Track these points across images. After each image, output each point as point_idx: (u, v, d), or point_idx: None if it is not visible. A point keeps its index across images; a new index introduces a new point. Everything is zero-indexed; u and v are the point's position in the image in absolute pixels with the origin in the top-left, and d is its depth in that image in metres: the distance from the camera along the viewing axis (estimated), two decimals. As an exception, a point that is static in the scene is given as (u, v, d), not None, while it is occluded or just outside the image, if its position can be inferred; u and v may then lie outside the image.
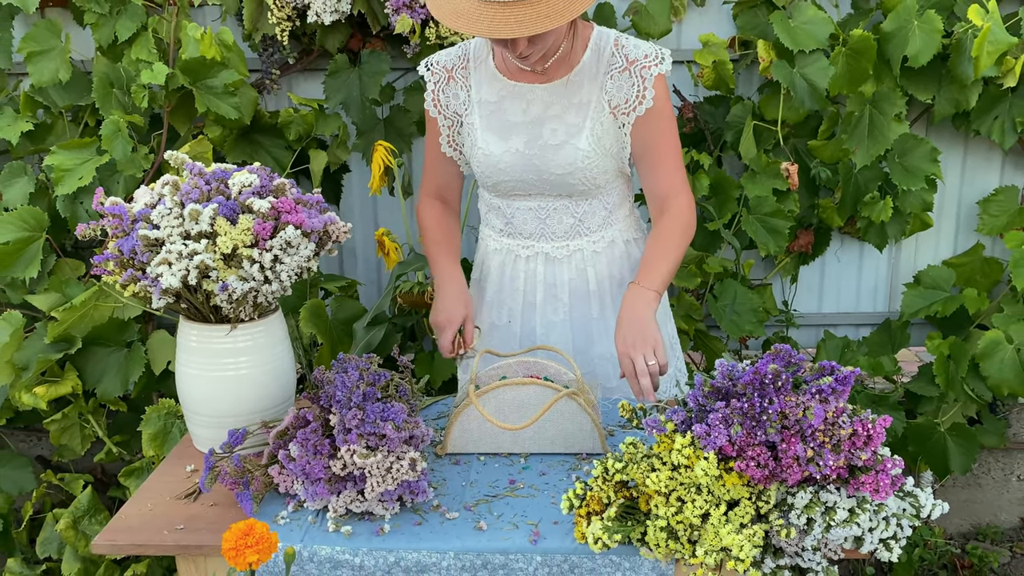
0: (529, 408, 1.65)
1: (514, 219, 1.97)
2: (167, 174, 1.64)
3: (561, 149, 1.84)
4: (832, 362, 1.39)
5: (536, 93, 1.86)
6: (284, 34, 2.54)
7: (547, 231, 1.95)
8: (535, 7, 1.56)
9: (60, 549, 2.55)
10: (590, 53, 1.84)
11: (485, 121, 1.89)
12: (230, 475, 1.52)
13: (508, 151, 1.87)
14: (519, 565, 1.41)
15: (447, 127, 1.96)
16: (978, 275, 2.81)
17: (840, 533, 1.33)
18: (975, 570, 2.87)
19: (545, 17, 1.56)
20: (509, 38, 1.61)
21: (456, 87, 1.93)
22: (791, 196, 2.71)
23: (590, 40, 1.85)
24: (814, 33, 2.55)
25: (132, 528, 1.51)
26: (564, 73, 1.84)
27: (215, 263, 1.53)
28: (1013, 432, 2.99)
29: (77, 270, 2.54)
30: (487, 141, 1.89)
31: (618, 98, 1.83)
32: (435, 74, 1.95)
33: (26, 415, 2.73)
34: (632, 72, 1.82)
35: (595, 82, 1.83)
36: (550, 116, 1.85)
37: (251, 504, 1.51)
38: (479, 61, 1.92)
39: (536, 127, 1.86)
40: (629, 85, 1.82)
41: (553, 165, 1.85)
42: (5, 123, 2.51)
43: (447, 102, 1.94)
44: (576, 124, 1.84)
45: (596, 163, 1.85)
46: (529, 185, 1.90)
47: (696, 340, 2.83)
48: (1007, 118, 2.63)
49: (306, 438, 1.48)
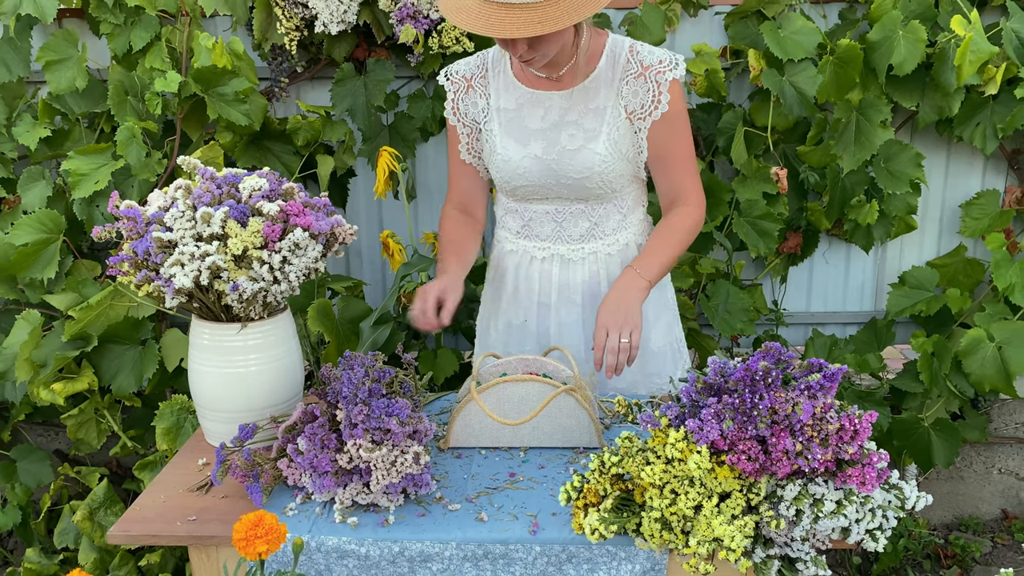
0: (528, 404, 1.65)
1: (531, 222, 1.96)
2: (180, 178, 1.64)
3: (579, 154, 1.83)
4: (820, 359, 1.39)
5: (553, 100, 1.86)
6: (292, 44, 2.54)
7: (563, 234, 1.94)
8: (531, 12, 1.57)
9: (77, 539, 2.55)
10: (605, 60, 1.83)
11: (504, 128, 1.89)
12: (241, 468, 1.52)
13: (527, 156, 1.86)
14: (519, 555, 1.41)
15: (466, 135, 1.96)
16: (960, 275, 2.81)
17: (828, 524, 1.33)
18: (958, 560, 2.87)
19: (538, 23, 1.57)
20: (505, 38, 1.62)
21: (475, 95, 1.93)
22: (781, 200, 2.71)
23: (605, 47, 1.84)
24: (803, 43, 2.55)
25: (146, 519, 1.51)
26: (580, 80, 1.84)
27: (226, 264, 1.53)
28: (994, 427, 2.99)
29: (93, 271, 2.54)
30: (506, 147, 1.88)
31: (634, 103, 1.83)
32: (454, 83, 1.94)
33: (44, 410, 2.73)
34: (647, 77, 1.81)
35: (611, 88, 1.83)
36: (568, 122, 1.84)
37: (261, 496, 1.51)
38: (497, 70, 1.91)
39: (554, 133, 1.85)
40: (644, 91, 1.82)
41: (571, 169, 1.85)
42: (24, 129, 2.51)
43: (466, 110, 1.94)
44: (593, 129, 1.83)
45: (612, 167, 1.85)
46: (547, 189, 1.90)
47: (689, 338, 2.83)
48: (988, 124, 2.63)
49: (314, 433, 1.48)
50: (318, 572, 1.44)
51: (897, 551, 2.79)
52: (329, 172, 2.62)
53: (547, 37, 1.65)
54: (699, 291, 2.79)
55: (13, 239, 2.38)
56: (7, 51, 2.51)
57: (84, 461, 2.92)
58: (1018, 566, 2.84)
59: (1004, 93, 2.59)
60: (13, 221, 2.49)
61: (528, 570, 1.42)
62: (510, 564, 1.42)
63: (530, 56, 1.70)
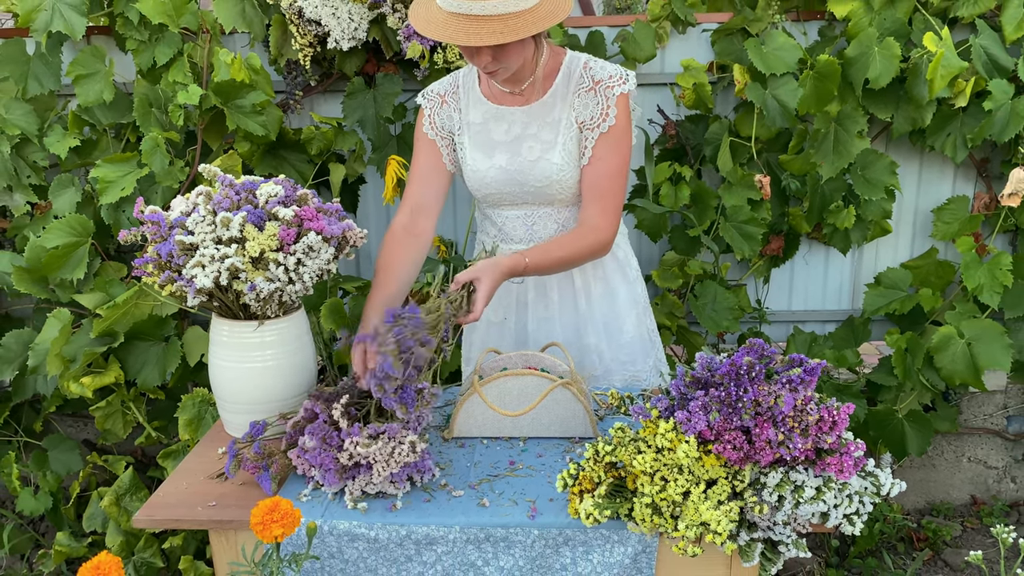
0: (528, 396, 1.65)
1: (505, 226, 1.96)
2: (201, 185, 1.64)
3: (537, 164, 1.84)
4: (801, 355, 1.39)
5: (516, 115, 1.86)
6: (306, 59, 2.54)
7: (534, 236, 1.94)
8: (493, 23, 1.59)
9: (104, 524, 2.55)
10: (561, 76, 1.84)
11: (472, 140, 1.90)
12: (251, 460, 1.51)
13: (493, 167, 1.87)
14: (518, 538, 1.41)
15: (444, 146, 1.95)
16: (932, 276, 2.81)
17: (808, 509, 1.33)
18: (930, 542, 2.87)
19: (500, 33, 1.59)
20: (472, 46, 1.64)
21: (449, 109, 1.93)
22: (764, 205, 2.71)
23: (563, 64, 1.85)
24: (784, 58, 2.55)
25: (169, 505, 1.51)
26: (539, 96, 1.85)
27: (244, 265, 1.53)
28: (964, 418, 2.99)
29: (120, 272, 2.54)
30: (475, 158, 1.89)
31: (584, 115, 1.82)
32: (430, 101, 1.95)
33: (74, 403, 2.73)
34: (597, 91, 1.81)
35: (565, 101, 1.83)
36: (528, 135, 1.85)
37: (270, 485, 1.50)
38: (468, 88, 1.92)
39: (516, 145, 1.86)
40: (595, 103, 1.81)
41: (531, 178, 1.85)
42: (55, 139, 2.51)
43: (442, 123, 1.94)
44: (550, 140, 1.83)
45: (569, 175, 1.85)
46: (514, 196, 1.90)
47: (678, 335, 2.83)
48: (958, 135, 2.63)
49: (314, 431, 1.48)
50: (330, 554, 1.43)
51: (873, 534, 2.79)
52: (341, 179, 2.62)
53: (509, 49, 1.67)
54: (687, 291, 2.79)
55: (45, 242, 2.38)
56: (39, 66, 2.51)
57: (111, 450, 2.92)
58: (986, 549, 2.84)
59: (973, 105, 2.59)
60: (45, 225, 2.50)
61: (527, 552, 1.42)
62: (510, 547, 1.42)
63: (494, 67, 1.71)
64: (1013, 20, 2.50)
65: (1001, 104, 2.51)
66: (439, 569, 1.43)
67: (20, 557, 2.87)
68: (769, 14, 2.60)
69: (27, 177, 2.57)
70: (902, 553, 2.85)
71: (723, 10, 2.70)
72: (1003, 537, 1.60)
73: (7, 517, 2.89)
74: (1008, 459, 3.04)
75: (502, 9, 1.59)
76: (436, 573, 1.43)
